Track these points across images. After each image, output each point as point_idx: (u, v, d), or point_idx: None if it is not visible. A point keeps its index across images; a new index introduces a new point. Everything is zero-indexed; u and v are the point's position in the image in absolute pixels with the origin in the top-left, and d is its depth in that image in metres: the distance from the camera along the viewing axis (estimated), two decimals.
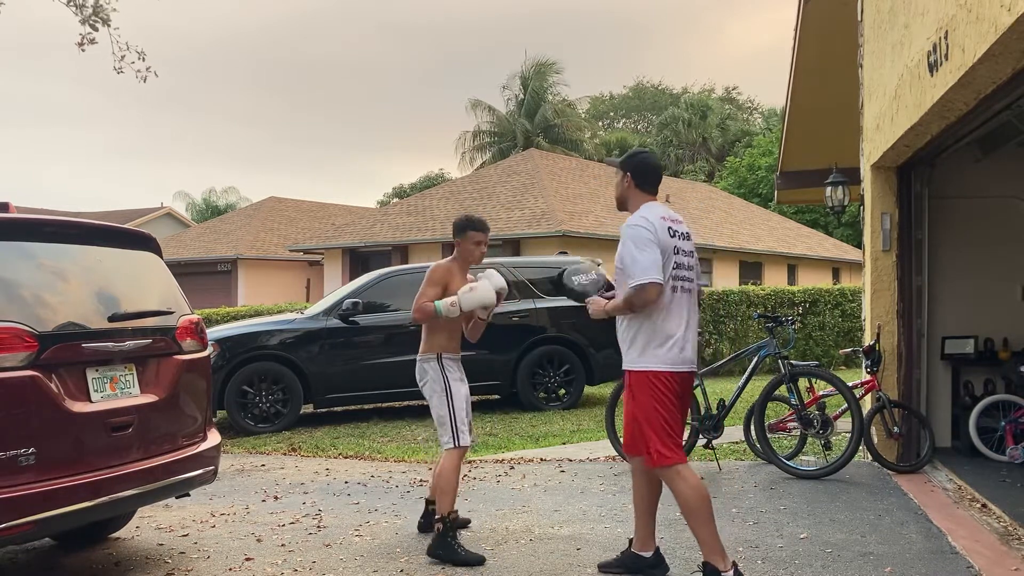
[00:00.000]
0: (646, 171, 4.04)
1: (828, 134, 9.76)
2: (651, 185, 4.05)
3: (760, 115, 51.96)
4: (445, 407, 4.63)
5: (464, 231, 4.80)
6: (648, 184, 4.04)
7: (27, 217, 4.17)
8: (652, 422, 3.79)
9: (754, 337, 14.56)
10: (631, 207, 4.01)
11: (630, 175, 4.03)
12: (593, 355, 10.32)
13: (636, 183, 4.02)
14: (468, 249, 4.80)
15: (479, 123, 40.87)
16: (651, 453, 3.80)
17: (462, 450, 4.63)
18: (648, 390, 3.80)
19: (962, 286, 7.06)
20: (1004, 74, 3.95)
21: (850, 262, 27.35)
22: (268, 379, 9.32)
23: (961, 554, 4.38)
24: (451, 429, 4.60)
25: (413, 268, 10.78)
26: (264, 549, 4.76)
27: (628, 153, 4.18)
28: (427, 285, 4.70)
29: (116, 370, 4.16)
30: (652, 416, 3.79)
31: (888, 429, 6.47)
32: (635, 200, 4.02)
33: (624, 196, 4.07)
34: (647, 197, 4.02)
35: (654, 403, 3.79)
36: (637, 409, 3.83)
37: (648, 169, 4.05)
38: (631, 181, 4.03)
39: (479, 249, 4.81)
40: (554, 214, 19.94)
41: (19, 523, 3.53)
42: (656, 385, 3.79)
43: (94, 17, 10.63)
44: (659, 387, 3.79)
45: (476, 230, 4.79)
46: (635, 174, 4.02)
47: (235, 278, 27.57)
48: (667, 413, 3.80)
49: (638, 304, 3.80)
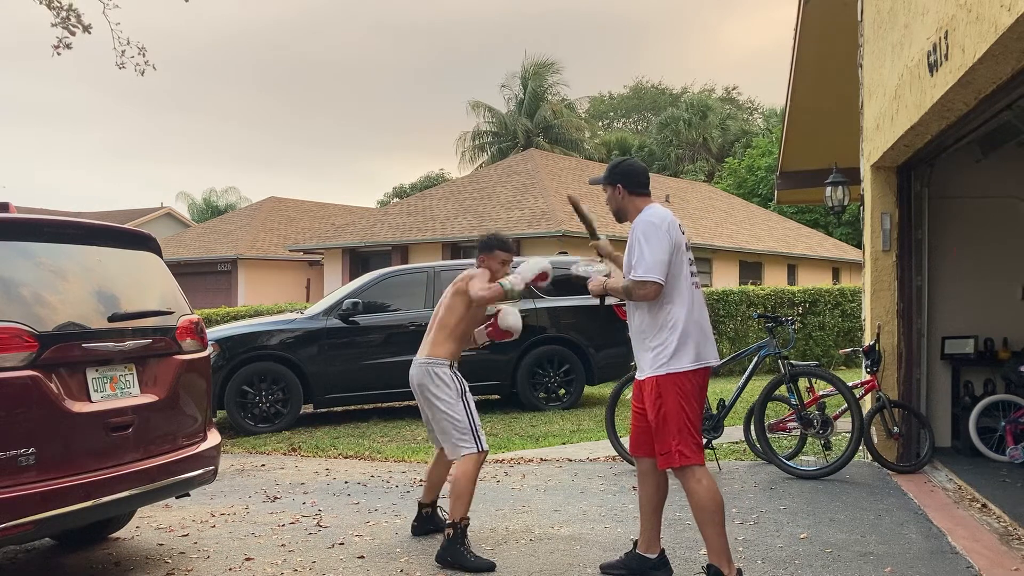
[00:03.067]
0: (634, 175, 4.03)
1: (828, 134, 9.76)
2: (643, 187, 4.04)
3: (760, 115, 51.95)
4: (463, 412, 4.62)
5: (492, 249, 4.87)
6: (640, 186, 4.03)
7: (27, 217, 4.17)
8: (677, 422, 3.77)
9: (754, 337, 14.56)
10: (632, 215, 4.00)
11: (621, 185, 4.02)
12: (593, 355, 10.32)
13: (629, 190, 4.02)
14: (494, 268, 4.86)
15: (479, 123, 40.96)
16: (672, 453, 3.78)
17: (483, 455, 4.61)
18: (676, 390, 3.78)
19: (962, 286, 7.06)
20: (1004, 74, 3.95)
21: (850, 262, 27.35)
22: (268, 379, 9.31)
23: (961, 554, 4.38)
24: (472, 433, 4.58)
25: (413, 268, 10.79)
26: (264, 549, 4.76)
27: (609, 167, 4.14)
28: (476, 279, 4.69)
29: (116, 370, 4.16)
30: (678, 416, 3.77)
31: (888, 429, 6.48)
32: (634, 206, 4.01)
33: (622, 207, 4.05)
34: (644, 200, 4.02)
35: (681, 403, 3.77)
36: (664, 408, 3.80)
37: (636, 172, 4.05)
38: (624, 190, 4.02)
39: (504, 269, 4.88)
40: (554, 214, 19.94)
41: (19, 523, 3.53)
42: (684, 385, 3.78)
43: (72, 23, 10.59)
44: (687, 387, 3.79)
45: (504, 250, 4.88)
46: (626, 182, 4.01)
47: (235, 278, 27.56)
48: (691, 412, 3.80)
49: (636, 297, 3.82)
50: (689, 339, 3.80)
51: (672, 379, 3.79)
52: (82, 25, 10.70)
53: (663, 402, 3.80)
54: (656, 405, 3.83)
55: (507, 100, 41.69)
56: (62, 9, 10.58)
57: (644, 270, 3.76)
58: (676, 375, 3.79)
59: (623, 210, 4.05)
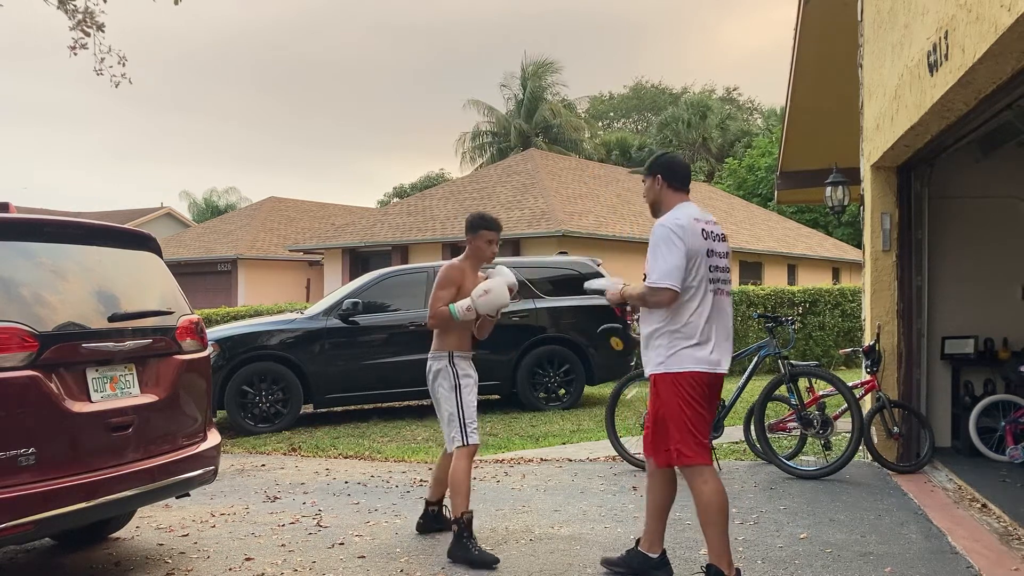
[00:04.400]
0: (676, 169, 4.01)
1: (828, 134, 9.76)
2: (682, 183, 4.01)
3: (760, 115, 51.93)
4: (454, 403, 4.60)
5: (477, 229, 4.79)
6: (679, 182, 4.00)
7: (27, 217, 4.17)
8: (676, 422, 3.78)
9: (754, 337, 14.55)
10: (665, 208, 3.97)
11: (661, 176, 3.99)
12: (593, 355, 10.32)
13: (668, 183, 3.99)
14: (480, 247, 4.79)
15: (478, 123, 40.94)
16: (671, 451, 3.79)
17: (471, 448, 4.59)
18: (674, 391, 3.78)
19: (962, 286, 7.06)
20: (1004, 74, 3.95)
21: (850, 262, 27.34)
22: (268, 379, 9.31)
23: (961, 554, 4.38)
24: (460, 426, 4.57)
25: (413, 268, 10.79)
26: (264, 549, 4.76)
27: (653, 156, 4.14)
28: (440, 288, 4.67)
29: (116, 370, 4.16)
30: (677, 416, 3.77)
31: (888, 429, 6.48)
32: (669, 201, 3.98)
33: (657, 200, 4.03)
34: (681, 196, 3.99)
35: (680, 403, 3.77)
36: (662, 408, 3.80)
37: (678, 167, 4.03)
38: (663, 183, 3.99)
39: (491, 248, 4.80)
40: (554, 214, 19.94)
41: (19, 523, 3.52)
42: (682, 386, 3.77)
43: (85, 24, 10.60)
44: (685, 388, 3.78)
45: (489, 229, 4.78)
46: (666, 175, 3.99)
47: (235, 278, 27.56)
48: (692, 414, 3.78)
49: (651, 303, 3.82)
50: (696, 342, 3.78)
51: (671, 378, 3.79)
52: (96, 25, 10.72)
53: (661, 401, 3.82)
54: (655, 404, 3.85)
55: (507, 100, 41.74)
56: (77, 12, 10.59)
57: (658, 276, 3.75)
58: (675, 375, 3.78)
59: (658, 203, 4.03)
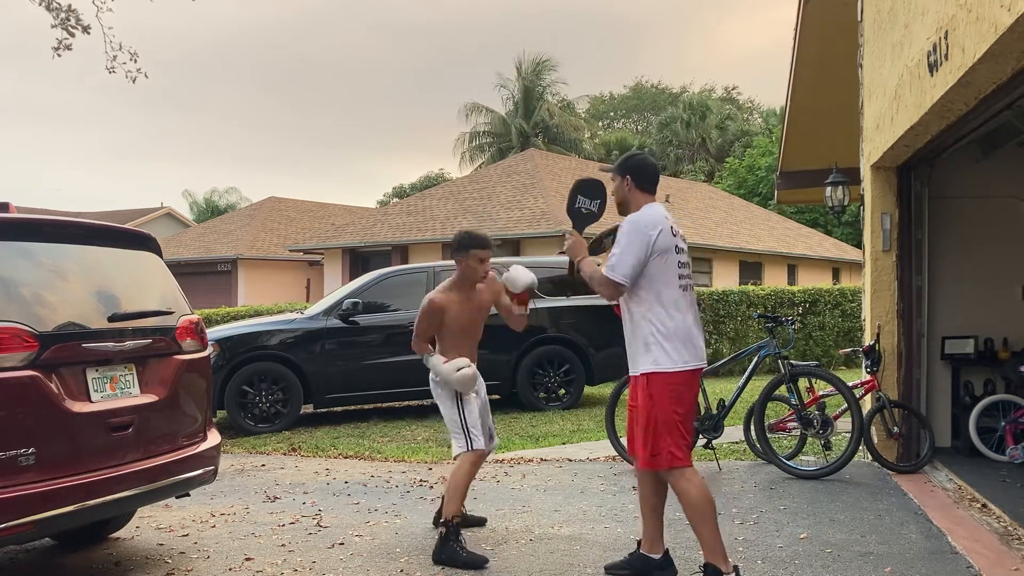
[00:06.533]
0: (645, 171, 4.06)
1: (828, 134, 9.75)
2: (651, 184, 4.07)
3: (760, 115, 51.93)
4: (455, 411, 4.61)
5: (466, 249, 4.54)
6: (648, 184, 4.06)
7: (27, 217, 4.17)
8: (668, 423, 3.79)
9: (754, 337, 14.55)
10: (633, 208, 4.03)
11: (630, 177, 4.04)
12: (593, 355, 10.31)
13: (637, 184, 4.04)
14: (471, 268, 4.58)
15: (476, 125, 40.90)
16: (663, 454, 3.79)
17: (475, 454, 4.57)
18: (668, 391, 3.79)
19: (962, 286, 7.06)
20: (1004, 74, 3.95)
21: (850, 262, 27.34)
22: (268, 379, 9.31)
23: (961, 554, 4.38)
24: (463, 433, 4.57)
25: (413, 268, 10.79)
26: (264, 549, 4.76)
27: (624, 156, 4.18)
28: (420, 321, 4.65)
29: (116, 370, 4.16)
30: (670, 417, 3.78)
31: (888, 429, 6.47)
32: (637, 201, 4.04)
33: (625, 199, 4.08)
34: (648, 197, 4.05)
35: (674, 404, 3.79)
36: (655, 409, 3.80)
37: (647, 168, 4.08)
38: (632, 183, 4.04)
39: (483, 267, 4.57)
40: (554, 214, 19.93)
41: (19, 523, 3.53)
42: (676, 385, 3.79)
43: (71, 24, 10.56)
44: (678, 387, 3.80)
45: (479, 247, 4.53)
46: (635, 176, 4.04)
47: (235, 278, 27.56)
48: (685, 412, 3.82)
49: (596, 289, 3.92)
50: (676, 340, 3.81)
51: (662, 378, 3.80)
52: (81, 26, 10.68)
53: (654, 403, 3.81)
54: (648, 405, 3.84)
55: (505, 100, 41.72)
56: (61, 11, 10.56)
57: (610, 269, 3.82)
58: (666, 374, 3.80)
59: (626, 202, 4.08)
